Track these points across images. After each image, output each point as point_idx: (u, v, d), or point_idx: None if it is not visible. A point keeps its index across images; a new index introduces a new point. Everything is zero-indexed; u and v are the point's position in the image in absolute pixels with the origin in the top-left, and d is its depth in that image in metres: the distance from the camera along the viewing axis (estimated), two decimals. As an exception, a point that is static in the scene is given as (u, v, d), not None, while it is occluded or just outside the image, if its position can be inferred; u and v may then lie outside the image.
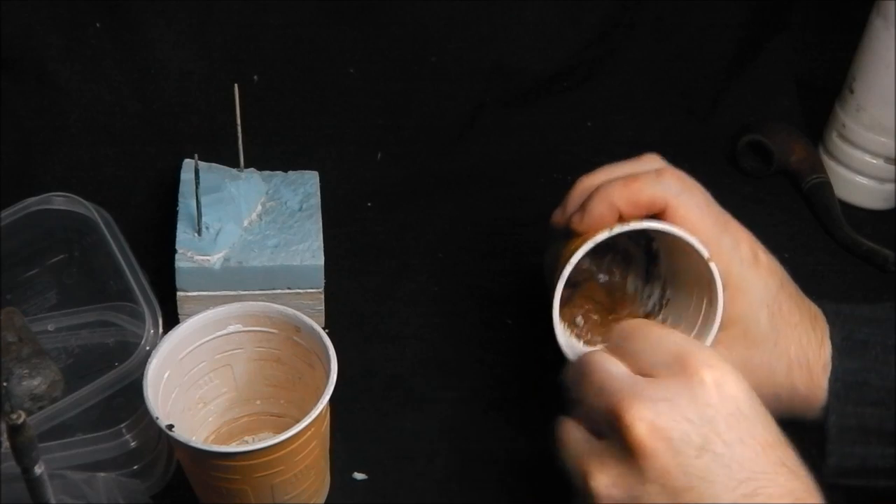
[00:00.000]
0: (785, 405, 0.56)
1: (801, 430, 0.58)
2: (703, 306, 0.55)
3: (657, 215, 0.54)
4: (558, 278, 0.53)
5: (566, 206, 0.58)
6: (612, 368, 0.48)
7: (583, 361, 0.50)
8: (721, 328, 0.55)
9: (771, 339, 0.55)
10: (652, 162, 0.58)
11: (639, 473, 0.44)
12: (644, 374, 0.47)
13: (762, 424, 0.45)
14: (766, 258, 0.56)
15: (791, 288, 0.57)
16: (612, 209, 0.54)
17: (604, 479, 0.45)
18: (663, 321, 0.58)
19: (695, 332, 0.55)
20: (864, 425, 0.55)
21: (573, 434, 0.49)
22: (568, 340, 0.56)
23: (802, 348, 0.56)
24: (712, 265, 0.53)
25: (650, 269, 0.59)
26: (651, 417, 0.44)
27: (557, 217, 0.59)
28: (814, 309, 0.58)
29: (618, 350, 0.49)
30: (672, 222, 0.53)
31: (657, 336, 0.48)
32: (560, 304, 0.54)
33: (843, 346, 0.56)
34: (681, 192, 0.54)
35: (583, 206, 0.55)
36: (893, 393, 0.54)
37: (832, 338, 0.56)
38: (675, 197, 0.54)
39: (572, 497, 0.48)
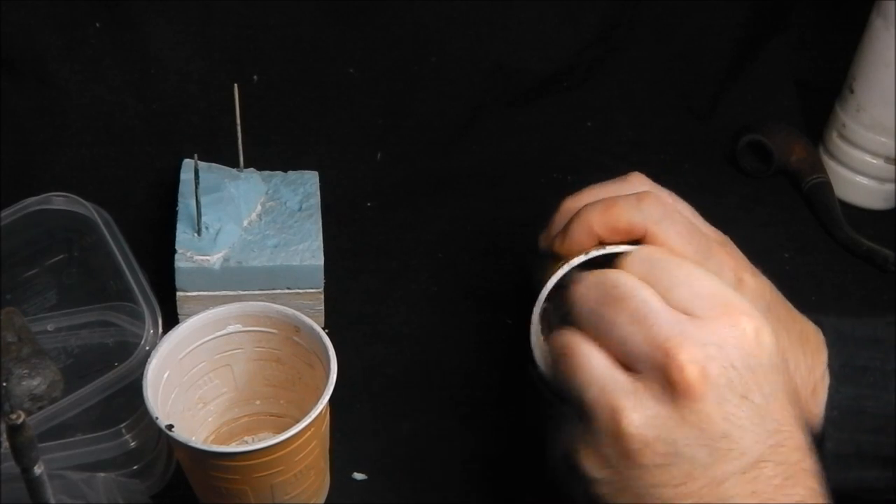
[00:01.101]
0: None
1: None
2: None
3: (637, 241, 0.53)
4: (535, 303, 0.53)
5: (550, 228, 0.57)
6: (649, 299, 0.44)
7: (608, 282, 0.46)
8: None
9: None
10: (637, 183, 0.56)
11: (679, 415, 0.42)
12: (681, 311, 0.44)
13: (787, 379, 0.45)
14: (752, 281, 0.54)
15: (780, 309, 0.56)
16: (591, 234, 0.53)
17: (638, 417, 0.43)
18: None
19: None
20: (861, 452, 0.54)
21: (597, 361, 0.45)
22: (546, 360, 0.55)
23: (789, 374, 0.55)
24: None
25: None
26: (703, 361, 0.42)
27: (543, 239, 0.58)
28: (806, 329, 0.56)
29: (646, 276, 0.46)
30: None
31: (691, 272, 0.45)
32: (542, 323, 0.54)
33: (842, 373, 0.55)
34: (661, 218, 0.52)
35: (564, 230, 0.54)
36: (892, 419, 0.54)
37: (830, 363, 0.55)
38: (654, 224, 0.52)
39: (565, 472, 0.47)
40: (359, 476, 0.61)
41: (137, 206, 0.77)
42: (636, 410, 0.43)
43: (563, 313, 0.56)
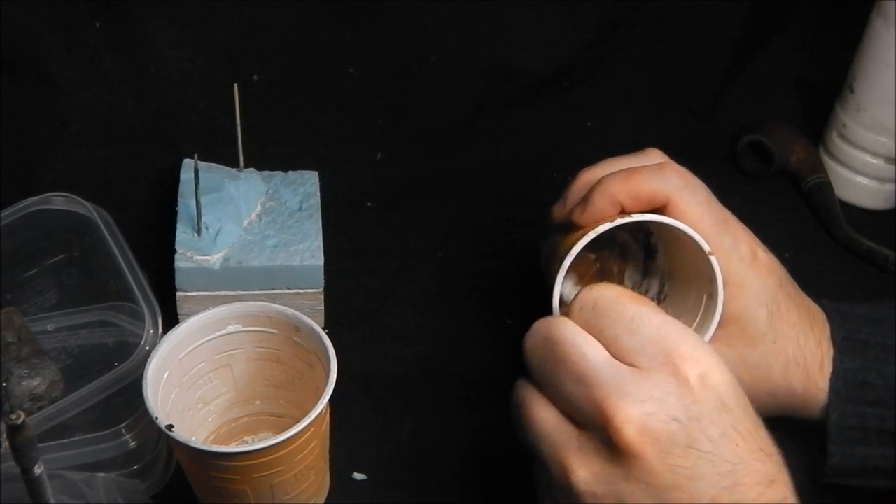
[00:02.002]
0: (781, 404, 0.56)
1: (801, 430, 0.58)
2: (703, 301, 0.55)
3: (658, 210, 0.54)
4: (559, 268, 0.53)
5: (567, 199, 0.58)
6: (589, 353, 0.45)
7: (551, 338, 0.46)
8: (720, 326, 0.54)
9: (769, 337, 0.56)
10: (654, 156, 0.58)
11: (624, 472, 0.43)
12: (623, 361, 0.45)
13: (743, 412, 0.45)
14: (765, 257, 0.56)
15: (790, 287, 0.57)
16: (614, 202, 0.54)
17: (585, 474, 0.44)
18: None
19: (694, 326, 0.55)
20: (865, 425, 0.55)
21: (546, 416, 0.46)
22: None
23: (800, 348, 0.56)
24: (713, 259, 0.53)
25: (647, 264, 0.60)
26: (640, 419, 0.43)
27: (558, 211, 0.58)
28: (812, 308, 0.58)
29: (591, 325, 0.46)
30: (672, 217, 0.53)
31: (634, 315, 0.45)
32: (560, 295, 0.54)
33: (844, 346, 0.56)
34: (683, 187, 0.54)
35: (584, 200, 0.55)
36: (894, 392, 0.54)
37: (833, 337, 0.56)
38: (676, 192, 0.53)
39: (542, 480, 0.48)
40: (359, 476, 0.61)
41: (137, 206, 0.77)
42: (583, 467, 0.44)
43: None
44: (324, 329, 0.55)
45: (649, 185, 0.53)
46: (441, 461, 0.62)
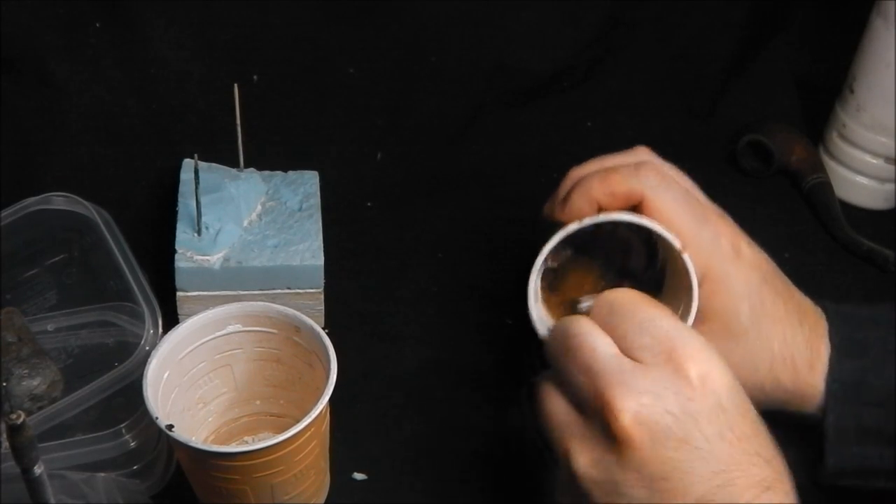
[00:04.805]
0: (771, 398, 0.56)
1: (800, 430, 0.58)
2: (683, 297, 0.55)
3: (636, 208, 0.55)
4: (532, 267, 0.55)
5: (555, 196, 0.59)
6: (598, 346, 0.47)
7: (567, 332, 0.49)
8: (701, 321, 0.55)
9: (752, 333, 0.56)
10: (640, 154, 0.58)
11: (619, 459, 0.45)
12: (630, 356, 0.47)
13: (741, 415, 0.46)
14: (749, 252, 0.56)
15: (777, 282, 0.57)
16: (591, 201, 0.55)
17: (584, 459, 0.46)
18: None
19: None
20: (863, 426, 0.55)
21: (556, 404, 0.49)
22: (543, 320, 0.57)
23: (786, 344, 0.56)
24: (685, 256, 0.53)
25: (651, 260, 0.60)
26: (636, 409, 0.44)
27: (548, 208, 0.60)
28: (804, 304, 0.57)
29: (605, 323, 0.48)
30: (648, 215, 0.54)
31: (645, 316, 0.48)
32: (543, 290, 0.56)
33: (843, 346, 0.56)
34: (657, 185, 0.54)
35: (564, 198, 0.57)
36: (892, 393, 0.54)
37: (831, 337, 0.56)
38: (650, 189, 0.54)
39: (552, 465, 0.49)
40: (359, 476, 0.61)
41: (137, 206, 0.77)
42: (583, 453, 0.47)
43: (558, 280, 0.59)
44: (324, 329, 0.55)
45: (624, 184, 0.55)
46: (441, 461, 0.62)
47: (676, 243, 0.53)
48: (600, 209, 0.55)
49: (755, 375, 0.56)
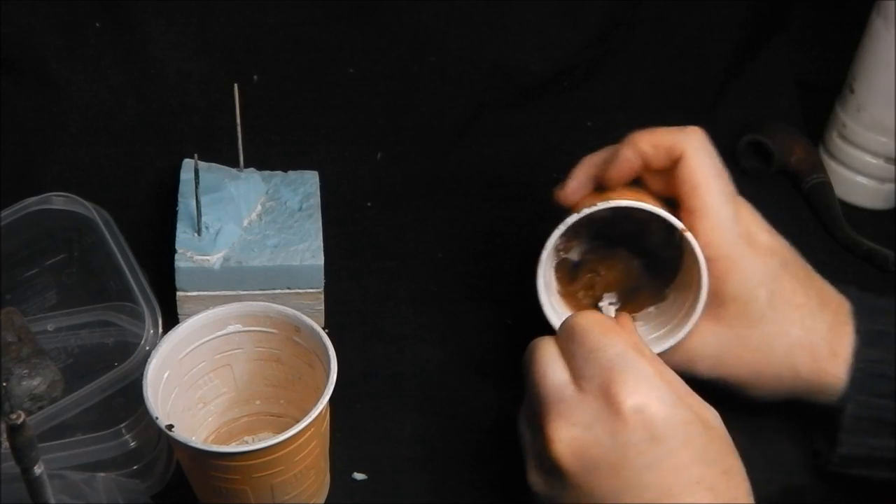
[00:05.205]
0: (787, 387, 0.57)
1: (808, 419, 0.59)
2: (695, 275, 0.57)
3: (674, 167, 0.57)
4: (539, 258, 0.58)
5: (594, 157, 0.61)
6: (548, 373, 0.49)
7: (531, 353, 0.51)
8: (718, 304, 0.56)
9: (769, 318, 0.56)
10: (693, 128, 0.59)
11: (561, 482, 0.48)
12: (577, 383, 0.48)
13: (682, 445, 0.46)
14: (767, 238, 0.57)
15: (797, 269, 0.57)
16: (637, 153, 0.57)
17: (535, 476, 0.50)
18: (668, 297, 0.61)
19: (688, 303, 0.57)
20: (878, 417, 0.55)
21: (522, 426, 0.52)
22: (556, 309, 0.60)
23: (806, 331, 0.56)
24: (688, 235, 0.55)
25: (669, 237, 0.61)
26: (568, 439, 0.47)
27: (599, 169, 0.61)
28: (828, 292, 0.58)
29: (564, 348, 0.51)
30: (685, 174, 0.56)
31: (595, 345, 0.49)
32: (563, 281, 0.61)
33: (866, 336, 0.56)
34: (699, 147, 0.56)
35: (612, 153, 0.59)
36: None
37: (857, 326, 0.56)
38: (692, 149, 0.56)
39: None
40: (359, 476, 0.61)
41: (137, 206, 0.77)
42: (536, 474, 0.50)
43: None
44: (324, 329, 0.55)
45: (670, 137, 0.57)
46: (441, 461, 0.62)
47: (679, 224, 0.55)
48: (640, 176, 0.58)
49: (771, 362, 0.56)
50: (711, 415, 0.48)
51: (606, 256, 0.63)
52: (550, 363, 0.50)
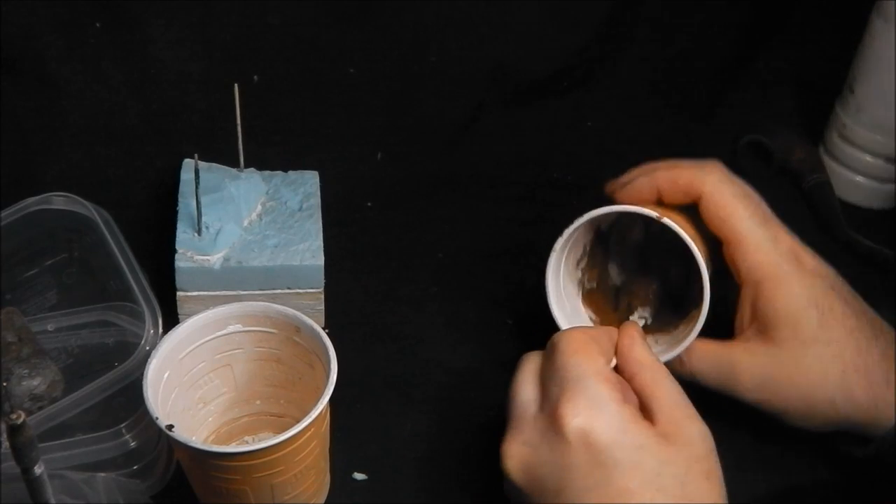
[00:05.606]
0: (842, 414, 0.55)
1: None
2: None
3: (696, 205, 0.57)
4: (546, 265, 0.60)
5: (620, 179, 0.61)
6: (521, 388, 0.51)
7: (518, 365, 0.53)
8: (771, 327, 0.55)
9: (822, 339, 0.54)
10: (710, 162, 0.60)
11: (518, 495, 0.50)
12: (540, 400, 0.50)
13: (629, 469, 0.46)
14: (811, 261, 0.57)
15: (846, 293, 0.57)
16: (653, 187, 0.58)
17: (507, 487, 0.52)
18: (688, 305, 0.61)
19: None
20: None
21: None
22: (564, 310, 0.61)
23: (860, 353, 0.54)
24: (665, 220, 0.55)
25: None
26: (518, 456, 0.49)
27: (609, 186, 0.62)
28: (878, 321, 0.56)
29: (542, 366, 0.52)
30: (708, 211, 0.56)
31: (560, 364, 0.50)
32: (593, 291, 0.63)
33: None
34: (719, 181, 0.57)
35: (629, 180, 0.59)
36: None
37: None
38: (711, 184, 0.57)
39: None
40: (359, 476, 0.61)
41: (137, 206, 0.77)
42: (505, 482, 0.51)
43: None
44: (324, 329, 0.55)
45: (688, 175, 0.57)
46: (441, 461, 0.62)
47: (653, 215, 0.55)
48: (659, 201, 0.58)
49: (825, 385, 0.54)
50: (697, 435, 0.48)
51: (644, 279, 0.64)
52: (524, 381, 0.52)
